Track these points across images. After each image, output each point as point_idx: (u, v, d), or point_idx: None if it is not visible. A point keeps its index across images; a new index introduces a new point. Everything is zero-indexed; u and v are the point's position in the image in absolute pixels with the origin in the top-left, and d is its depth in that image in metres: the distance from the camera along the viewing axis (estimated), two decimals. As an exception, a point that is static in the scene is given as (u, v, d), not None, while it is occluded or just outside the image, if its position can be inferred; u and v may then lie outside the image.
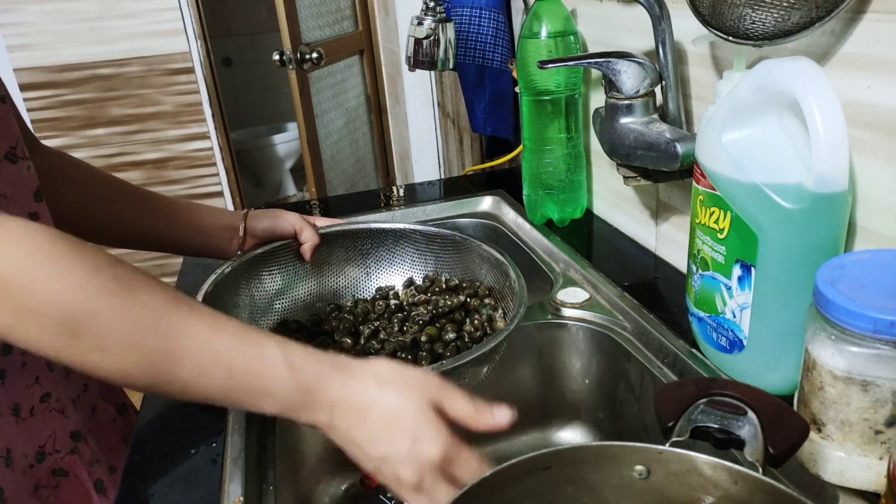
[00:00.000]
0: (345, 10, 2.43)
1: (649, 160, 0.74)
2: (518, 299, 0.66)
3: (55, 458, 0.65)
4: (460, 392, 0.50)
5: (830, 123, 0.49)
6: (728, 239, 0.57)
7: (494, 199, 1.14)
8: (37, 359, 0.63)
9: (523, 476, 0.42)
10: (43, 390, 0.63)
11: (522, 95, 0.96)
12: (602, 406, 0.79)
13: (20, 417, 0.61)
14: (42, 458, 0.63)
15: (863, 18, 0.53)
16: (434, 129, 2.17)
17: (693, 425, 0.44)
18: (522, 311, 0.64)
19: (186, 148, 2.94)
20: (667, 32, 0.71)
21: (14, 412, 0.61)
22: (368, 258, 0.82)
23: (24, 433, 0.62)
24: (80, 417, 0.68)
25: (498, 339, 0.61)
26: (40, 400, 0.63)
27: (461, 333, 0.71)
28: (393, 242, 0.82)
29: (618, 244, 0.94)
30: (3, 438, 0.60)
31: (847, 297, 0.44)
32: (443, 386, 0.50)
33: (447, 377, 0.58)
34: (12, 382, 0.61)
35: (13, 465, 0.61)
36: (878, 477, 0.47)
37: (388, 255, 0.82)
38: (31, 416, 0.62)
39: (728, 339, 0.60)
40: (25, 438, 0.62)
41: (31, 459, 0.62)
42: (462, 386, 0.62)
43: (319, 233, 0.79)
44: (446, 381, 0.50)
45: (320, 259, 0.80)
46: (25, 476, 0.62)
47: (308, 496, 0.74)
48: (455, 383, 0.61)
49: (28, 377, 0.62)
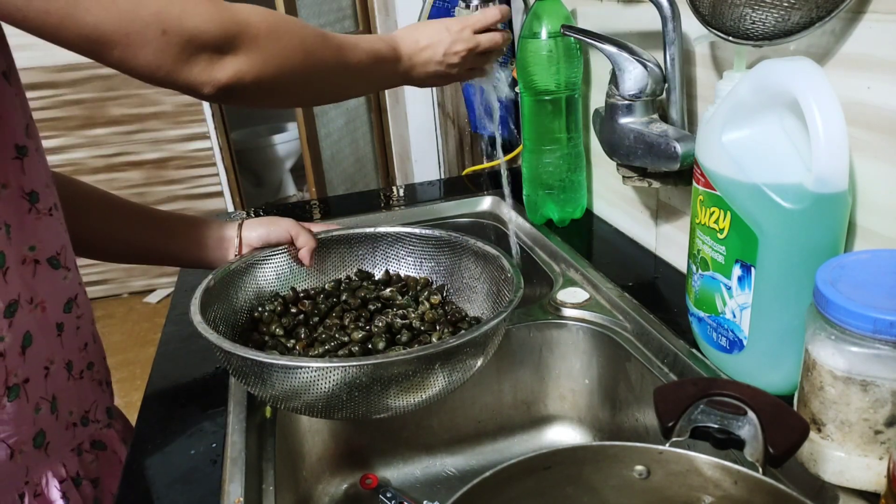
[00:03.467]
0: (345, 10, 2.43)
1: (649, 160, 0.74)
2: (514, 287, 0.65)
3: (95, 427, 0.70)
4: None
5: (830, 123, 0.49)
6: (728, 239, 0.57)
7: (494, 199, 1.14)
8: (87, 327, 0.68)
9: (523, 476, 0.42)
10: (89, 358, 0.68)
11: (522, 95, 0.96)
12: (602, 406, 0.79)
13: (71, 374, 0.65)
14: (86, 422, 0.68)
15: (863, 18, 0.53)
16: (434, 129, 2.17)
17: (693, 425, 0.44)
18: (519, 296, 0.63)
19: (186, 148, 2.95)
20: (676, 33, 0.71)
21: (67, 368, 0.65)
22: (364, 261, 0.82)
23: (73, 391, 0.66)
24: (110, 397, 0.73)
25: (496, 320, 0.59)
26: (87, 367, 0.68)
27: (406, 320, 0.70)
28: (388, 245, 0.81)
29: (618, 244, 0.95)
30: (52, 385, 0.63)
31: (847, 297, 0.44)
32: None
33: (440, 364, 0.58)
34: (67, 339, 0.65)
35: (58, 415, 0.64)
36: (877, 477, 0.47)
37: (383, 258, 0.81)
38: (80, 379, 0.67)
39: (728, 339, 0.60)
40: (74, 397, 0.66)
41: (75, 418, 0.67)
42: (455, 383, 0.62)
43: (317, 237, 0.79)
44: None
45: (317, 263, 0.80)
46: (68, 431, 0.66)
47: (308, 496, 0.74)
48: (447, 379, 0.60)
49: (80, 341, 0.67)
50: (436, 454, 0.81)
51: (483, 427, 0.82)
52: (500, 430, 0.83)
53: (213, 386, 0.70)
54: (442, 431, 0.81)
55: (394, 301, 0.74)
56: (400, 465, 0.80)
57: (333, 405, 0.58)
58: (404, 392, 0.59)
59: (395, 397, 0.58)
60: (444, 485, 0.79)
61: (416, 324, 0.69)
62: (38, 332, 0.62)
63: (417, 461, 0.81)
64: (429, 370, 0.58)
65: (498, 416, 0.82)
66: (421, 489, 0.78)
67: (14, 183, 0.59)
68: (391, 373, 0.56)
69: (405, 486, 0.78)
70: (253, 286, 0.75)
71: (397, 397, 0.58)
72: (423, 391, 0.59)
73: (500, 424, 0.82)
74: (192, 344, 0.79)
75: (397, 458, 0.80)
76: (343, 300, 0.74)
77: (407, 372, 0.57)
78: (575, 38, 0.84)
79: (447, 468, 0.81)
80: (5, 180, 0.58)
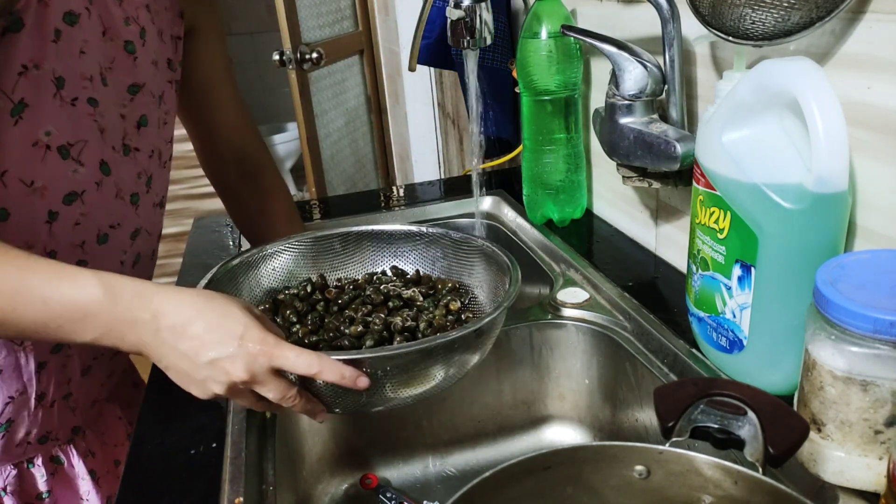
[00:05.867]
0: (345, 9, 2.43)
1: (649, 160, 0.74)
2: (512, 281, 0.64)
3: (53, 445, 0.76)
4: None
5: (830, 123, 0.49)
6: (728, 239, 0.57)
7: (494, 199, 1.14)
8: (76, 363, 0.74)
9: (523, 476, 0.42)
10: (68, 390, 0.74)
11: (522, 95, 0.96)
12: (602, 406, 0.79)
13: (41, 405, 0.72)
14: (44, 441, 0.75)
15: (863, 18, 0.53)
16: (434, 129, 2.17)
17: (693, 425, 0.44)
18: (517, 288, 0.63)
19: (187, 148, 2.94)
20: (675, 34, 0.71)
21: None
22: (400, 258, 0.81)
23: (36, 417, 0.73)
24: (86, 416, 0.79)
25: (493, 314, 0.59)
26: (62, 398, 0.74)
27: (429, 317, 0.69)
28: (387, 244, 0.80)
29: (618, 244, 0.94)
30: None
31: (847, 297, 0.44)
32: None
33: (437, 358, 0.58)
34: (45, 376, 0.70)
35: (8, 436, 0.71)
36: (877, 477, 0.47)
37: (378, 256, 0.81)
38: (51, 407, 0.73)
39: (728, 339, 0.60)
40: (36, 422, 0.73)
41: (32, 438, 0.73)
42: (452, 378, 0.61)
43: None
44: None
45: (356, 254, 0.79)
46: (19, 448, 0.73)
47: (308, 496, 0.74)
48: (443, 374, 0.60)
49: (63, 377, 0.73)
50: (436, 454, 0.81)
51: (483, 427, 0.82)
52: (500, 430, 0.83)
53: (213, 386, 0.70)
54: (442, 431, 0.81)
55: (414, 302, 0.72)
56: (400, 465, 0.80)
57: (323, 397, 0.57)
58: (398, 387, 0.58)
59: (390, 391, 0.58)
60: (444, 485, 0.79)
61: (423, 326, 0.67)
62: None
63: (417, 461, 0.81)
64: (423, 365, 0.58)
65: (498, 416, 0.82)
66: (421, 489, 0.78)
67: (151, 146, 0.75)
68: (381, 367, 0.55)
69: (405, 486, 0.78)
70: (253, 284, 0.75)
71: (393, 391, 0.58)
72: (416, 386, 0.59)
73: (499, 424, 0.82)
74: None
75: (397, 458, 0.80)
76: (367, 293, 0.73)
77: (404, 364, 0.56)
78: (575, 38, 0.84)
79: (447, 468, 0.81)
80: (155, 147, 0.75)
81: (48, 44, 0.59)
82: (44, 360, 0.69)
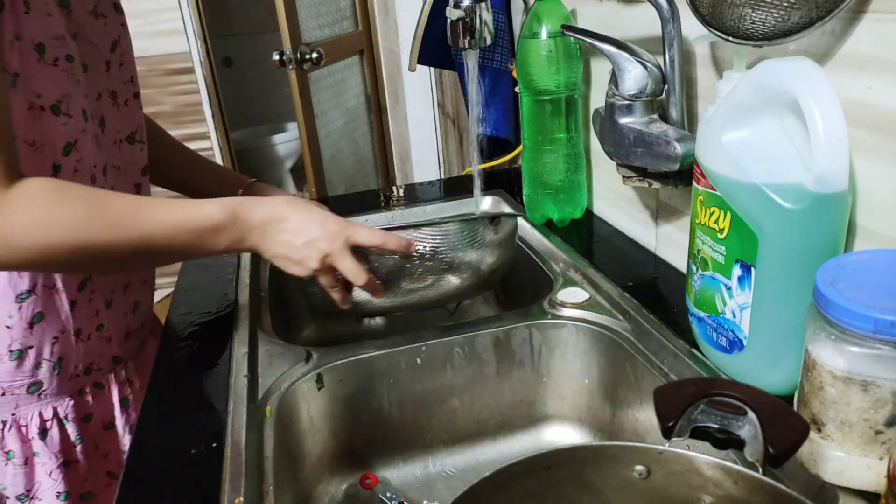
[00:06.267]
0: (345, 10, 2.43)
1: (649, 160, 0.74)
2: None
3: (98, 374, 0.84)
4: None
5: (830, 124, 0.49)
6: (728, 239, 0.57)
7: (494, 199, 1.14)
8: (100, 297, 0.81)
9: (523, 476, 0.42)
10: (99, 321, 0.81)
11: (522, 95, 0.96)
12: (602, 406, 0.79)
13: (80, 339, 0.79)
14: (89, 371, 0.82)
15: (863, 18, 0.53)
16: (434, 129, 2.17)
17: (693, 425, 0.44)
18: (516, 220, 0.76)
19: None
20: (675, 34, 0.71)
21: (76, 334, 0.80)
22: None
23: (79, 351, 0.80)
24: (125, 347, 0.87)
25: (507, 212, 0.64)
26: (96, 329, 0.81)
27: None
28: None
29: (618, 244, 0.94)
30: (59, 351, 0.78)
31: (847, 297, 0.44)
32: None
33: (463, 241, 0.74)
34: (78, 312, 0.78)
35: (62, 371, 0.79)
36: (878, 477, 0.47)
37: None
38: (88, 340, 0.80)
39: (728, 339, 0.60)
40: (80, 355, 0.80)
41: (80, 370, 0.81)
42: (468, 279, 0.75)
43: None
44: None
45: None
46: (72, 381, 0.81)
47: (308, 496, 0.74)
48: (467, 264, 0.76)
49: (91, 310, 0.80)
50: (436, 454, 0.81)
51: (483, 427, 0.82)
52: (500, 430, 0.83)
53: (214, 385, 0.70)
54: (442, 431, 0.81)
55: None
56: (400, 465, 0.80)
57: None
58: (432, 272, 0.74)
59: (427, 272, 0.74)
60: (444, 485, 0.79)
61: None
62: None
63: (417, 461, 0.81)
64: (450, 250, 0.74)
65: (498, 416, 0.82)
66: (421, 489, 0.78)
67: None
68: (424, 243, 0.73)
69: (405, 486, 0.78)
70: None
71: (429, 272, 0.74)
72: (445, 274, 0.74)
73: (499, 424, 0.82)
74: (193, 344, 0.79)
75: (397, 458, 0.80)
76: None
77: (439, 248, 0.72)
78: (575, 38, 0.84)
79: (447, 468, 0.81)
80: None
81: (22, 16, 0.65)
82: (74, 298, 0.77)
